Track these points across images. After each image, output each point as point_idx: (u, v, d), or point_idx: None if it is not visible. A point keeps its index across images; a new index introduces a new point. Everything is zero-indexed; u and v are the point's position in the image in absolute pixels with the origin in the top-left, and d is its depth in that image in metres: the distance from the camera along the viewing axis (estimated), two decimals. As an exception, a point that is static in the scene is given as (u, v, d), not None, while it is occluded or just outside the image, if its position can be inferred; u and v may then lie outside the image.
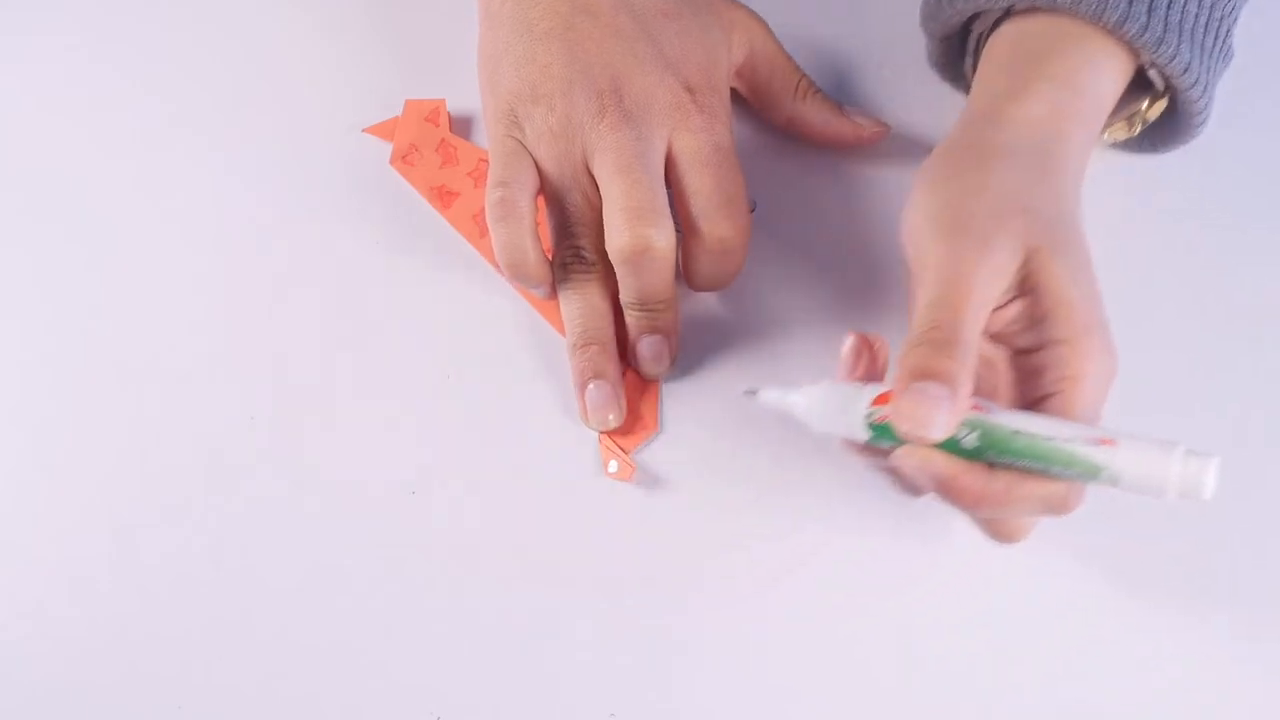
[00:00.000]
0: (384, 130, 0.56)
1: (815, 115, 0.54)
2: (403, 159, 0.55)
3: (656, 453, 0.51)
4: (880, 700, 0.47)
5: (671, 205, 0.48)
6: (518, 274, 0.49)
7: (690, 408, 0.51)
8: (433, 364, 0.52)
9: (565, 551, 0.49)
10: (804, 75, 0.55)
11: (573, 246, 0.50)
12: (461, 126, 0.56)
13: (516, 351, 0.52)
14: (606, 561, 0.49)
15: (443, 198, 0.54)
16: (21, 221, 0.55)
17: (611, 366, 0.50)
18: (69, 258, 0.54)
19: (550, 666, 0.47)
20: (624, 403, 0.50)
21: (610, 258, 0.48)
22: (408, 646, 0.48)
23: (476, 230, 0.54)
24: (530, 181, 0.49)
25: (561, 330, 0.51)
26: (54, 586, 0.49)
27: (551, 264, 0.50)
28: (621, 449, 0.50)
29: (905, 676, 0.47)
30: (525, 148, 0.49)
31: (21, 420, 0.51)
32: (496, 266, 0.53)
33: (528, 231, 0.48)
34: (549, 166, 0.49)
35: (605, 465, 0.49)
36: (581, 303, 0.50)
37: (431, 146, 0.55)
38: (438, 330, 0.53)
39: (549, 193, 0.50)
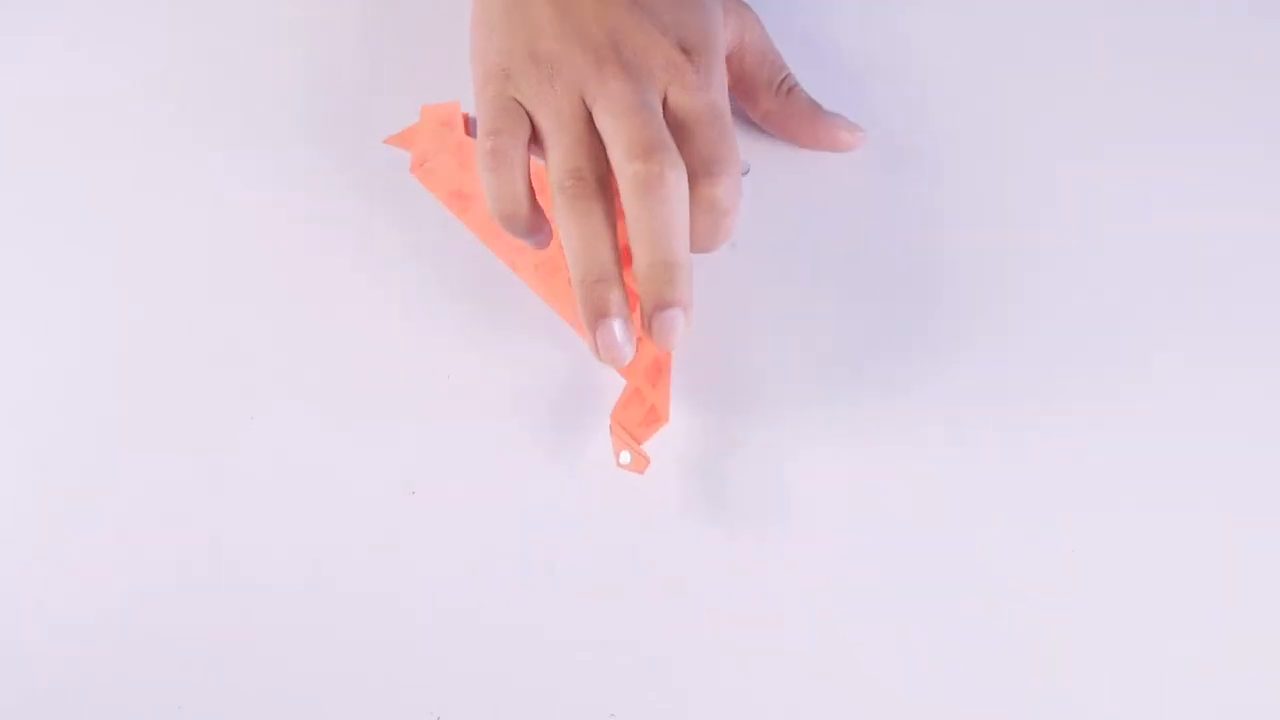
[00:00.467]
0: (403, 139, 0.55)
1: (795, 113, 0.55)
2: (421, 166, 0.55)
3: (663, 445, 0.51)
4: (886, 704, 0.47)
5: None
6: (511, 224, 0.49)
7: (697, 399, 0.51)
8: (433, 363, 0.52)
9: (565, 553, 0.49)
10: (789, 72, 0.55)
11: (573, 168, 0.47)
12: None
13: (520, 349, 0.52)
14: (607, 560, 0.49)
15: (460, 200, 0.54)
16: (21, 221, 0.55)
17: (622, 299, 0.47)
18: (69, 258, 0.54)
19: (551, 666, 0.47)
20: (636, 338, 0.47)
21: (621, 190, 0.46)
22: (408, 646, 0.48)
23: (493, 231, 0.53)
24: (523, 131, 0.48)
25: (566, 317, 0.51)
26: (54, 586, 0.49)
27: (546, 196, 0.49)
28: (634, 439, 0.49)
29: (911, 685, 0.47)
30: (520, 103, 0.49)
31: (21, 420, 0.51)
32: (511, 264, 0.53)
33: (520, 178, 0.48)
34: (547, 115, 0.49)
35: (617, 456, 0.49)
36: (584, 229, 0.47)
37: (450, 150, 0.55)
38: (438, 329, 0.53)
39: (547, 138, 0.49)
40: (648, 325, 0.47)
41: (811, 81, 0.56)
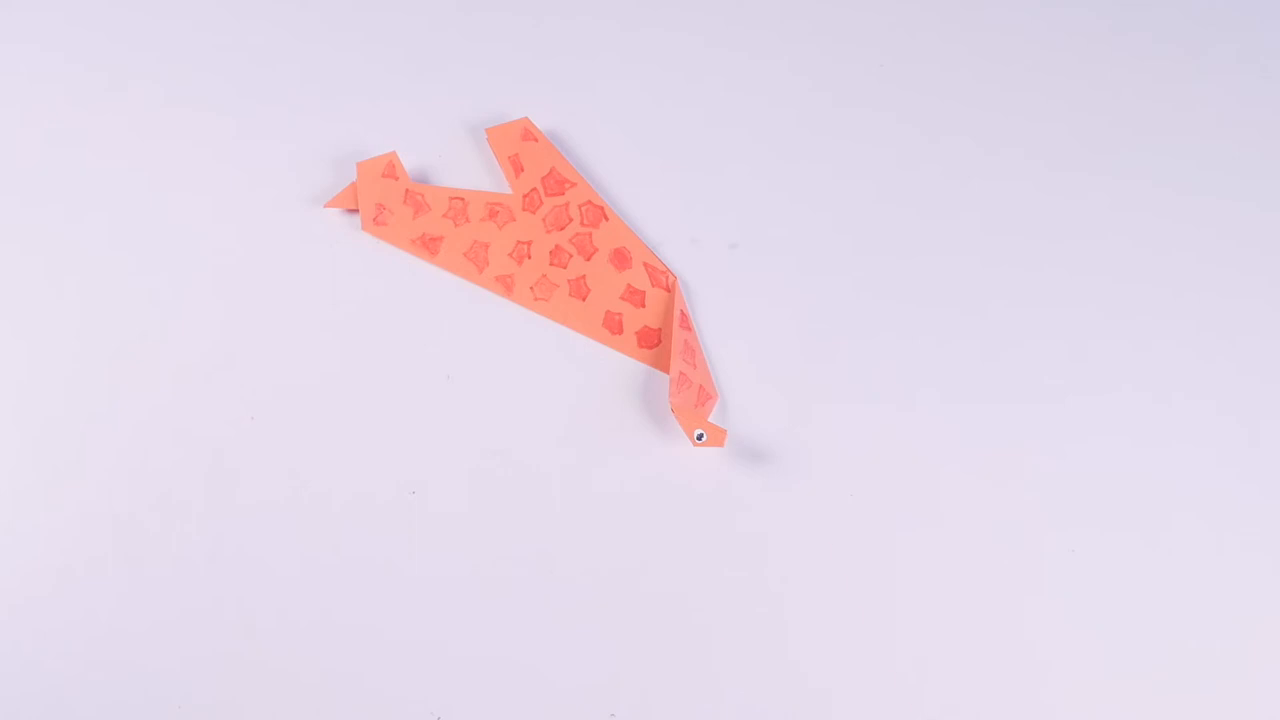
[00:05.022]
0: (345, 200, 0.54)
1: None
2: (374, 221, 0.54)
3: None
4: (893, 705, 0.47)
5: None
6: None
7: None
8: (433, 364, 0.52)
9: (563, 552, 0.49)
10: None
11: None
12: (418, 174, 0.55)
13: (513, 355, 0.52)
14: (606, 560, 0.49)
15: (427, 246, 0.53)
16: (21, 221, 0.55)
17: None
18: (71, 259, 0.54)
19: (550, 666, 0.48)
20: None
21: None
22: (408, 646, 0.48)
23: (474, 266, 0.53)
24: None
25: (576, 327, 0.52)
26: (54, 586, 0.49)
27: None
28: (698, 418, 0.49)
29: (920, 686, 0.47)
30: None
31: (23, 420, 0.51)
32: (504, 290, 0.53)
33: None
34: None
35: (691, 436, 0.48)
36: None
37: (398, 200, 0.54)
38: (437, 332, 0.53)
39: None
40: None
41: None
